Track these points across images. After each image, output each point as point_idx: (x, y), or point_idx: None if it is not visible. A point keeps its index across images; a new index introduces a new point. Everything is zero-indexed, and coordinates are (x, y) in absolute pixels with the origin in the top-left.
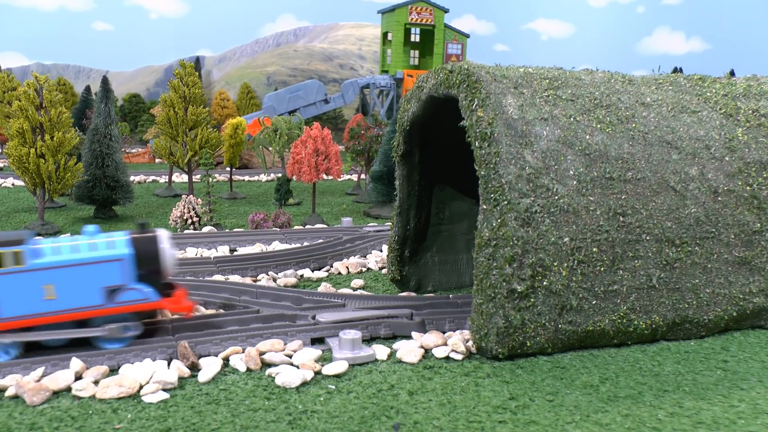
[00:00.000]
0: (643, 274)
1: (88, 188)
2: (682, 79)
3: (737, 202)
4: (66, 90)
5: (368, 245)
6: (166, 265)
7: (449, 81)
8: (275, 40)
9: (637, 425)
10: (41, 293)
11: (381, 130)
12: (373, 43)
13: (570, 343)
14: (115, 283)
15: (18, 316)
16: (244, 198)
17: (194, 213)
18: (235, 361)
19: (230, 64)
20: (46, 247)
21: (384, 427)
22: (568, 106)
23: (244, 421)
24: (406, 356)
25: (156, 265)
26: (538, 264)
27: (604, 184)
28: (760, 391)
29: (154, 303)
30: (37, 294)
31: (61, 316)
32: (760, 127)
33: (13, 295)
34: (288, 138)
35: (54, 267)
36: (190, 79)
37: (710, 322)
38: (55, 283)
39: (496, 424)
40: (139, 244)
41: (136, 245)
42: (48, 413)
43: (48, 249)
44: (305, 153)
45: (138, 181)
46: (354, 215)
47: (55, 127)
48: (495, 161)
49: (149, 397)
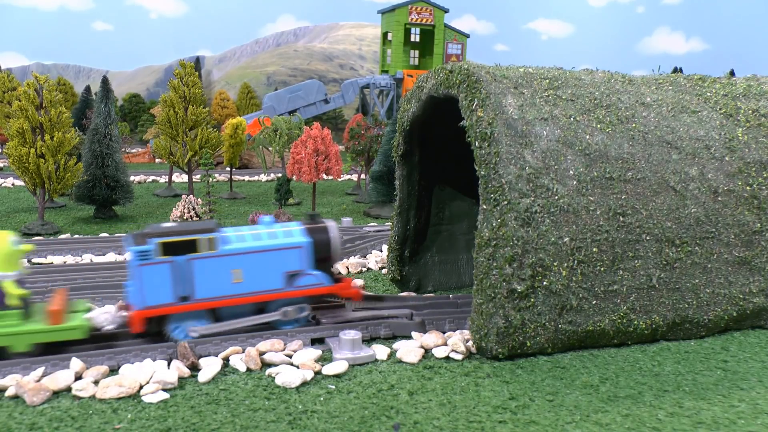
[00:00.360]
0: (643, 274)
1: (88, 188)
2: (682, 79)
3: (737, 202)
4: (66, 90)
5: (368, 245)
6: (336, 253)
7: (449, 81)
8: (275, 40)
9: (637, 425)
10: (230, 277)
11: (381, 130)
12: (373, 43)
13: (570, 343)
14: (294, 268)
15: (209, 297)
16: (244, 198)
17: (194, 213)
18: (235, 361)
19: (230, 64)
20: (231, 235)
21: (384, 427)
22: (568, 106)
23: (244, 421)
24: (406, 356)
25: (327, 252)
26: (538, 264)
27: (604, 184)
28: (760, 391)
29: (328, 288)
30: (226, 277)
31: (246, 299)
32: (760, 127)
33: (205, 278)
34: (288, 138)
35: (242, 253)
36: (190, 79)
37: (710, 322)
38: (243, 268)
39: (496, 424)
40: (313, 233)
41: (311, 234)
42: (48, 413)
43: (233, 237)
44: (305, 153)
45: (138, 181)
46: (354, 215)
47: (55, 127)
48: (495, 161)
49: (149, 397)
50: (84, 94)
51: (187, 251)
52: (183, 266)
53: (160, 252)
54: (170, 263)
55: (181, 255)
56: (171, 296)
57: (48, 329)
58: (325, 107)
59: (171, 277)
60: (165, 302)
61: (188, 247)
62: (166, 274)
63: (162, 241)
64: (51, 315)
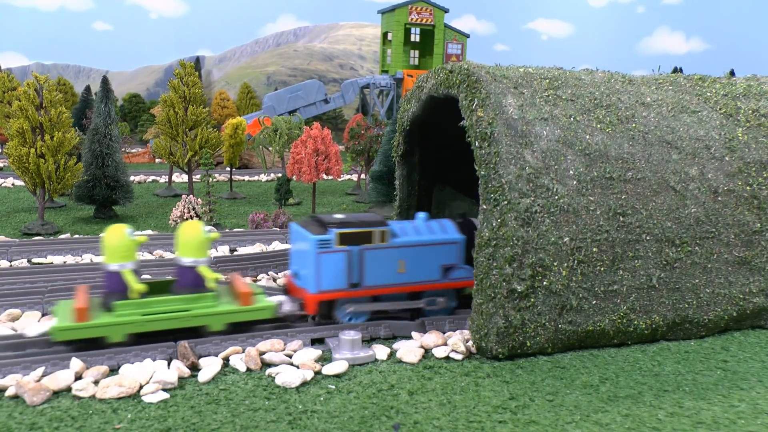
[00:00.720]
0: (643, 274)
1: (88, 188)
2: (682, 79)
3: (737, 202)
4: (66, 90)
5: None
6: None
7: (449, 81)
8: (275, 40)
9: (637, 425)
10: (395, 267)
11: (381, 130)
12: (373, 43)
13: (570, 343)
14: (450, 262)
15: (376, 285)
16: (244, 198)
17: (194, 213)
18: (235, 361)
19: (230, 64)
20: (397, 228)
21: (384, 427)
22: (568, 106)
23: (244, 421)
24: (406, 356)
25: None
26: (538, 264)
27: (604, 184)
28: (760, 391)
29: None
30: (392, 267)
31: (406, 287)
32: (760, 127)
33: (374, 267)
34: (288, 138)
35: (408, 245)
36: (190, 79)
37: (710, 322)
38: (407, 259)
39: (496, 424)
40: (465, 230)
41: (464, 231)
42: (48, 413)
43: (398, 230)
44: (305, 153)
45: (138, 181)
46: None
47: (55, 127)
48: (495, 161)
49: (149, 397)
50: (84, 94)
51: (361, 242)
52: (357, 255)
53: (338, 242)
54: (346, 252)
55: (356, 245)
56: (344, 282)
57: (241, 309)
58: (325, 107)
59: (345, 265)
60: (338, 288)
61: (363, 239)
62: (342, 262)
63: (342, 232)
64: (242, 297)
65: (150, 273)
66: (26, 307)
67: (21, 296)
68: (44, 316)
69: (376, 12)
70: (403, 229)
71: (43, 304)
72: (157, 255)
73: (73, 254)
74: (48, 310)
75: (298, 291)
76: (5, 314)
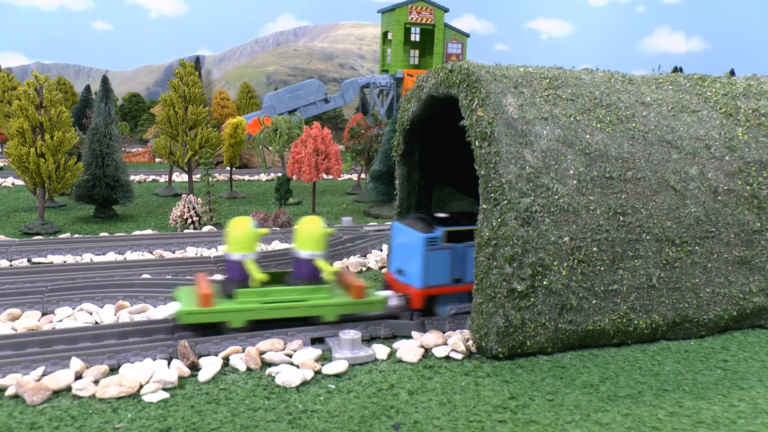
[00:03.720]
0: (643, 273)
1: (88, 188)
2: (682, 78)
3: (737, 202)
4: (66, 89)
5: (368, 245)
6: None
7: (449, 80)
8: (275, 39)
9: (637, 425)
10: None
11: (381, 130)
12: (373, 43)
13: (570, 342)
14: None
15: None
16: (244, 197)
17: (194, 212)
18: (235, 361)
19: (230, 63)
20: None
21: (384, 426)
22: (568, 106)
23: (244, 421)
24: (406, 356)
25: None
26: (538, 263)
27: (604, 183)
28: (760, 391)
29: None
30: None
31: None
32: (760, 126)
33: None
34: (288, 137)
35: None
36: (190, 78)
37: (710, 322)
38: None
39: (496, 423)
40: None
41: None
42: (48, 413)
43: None
44: (305, 152)
45: (138, 181)
46: (354, 215)
47: (55, 126)
48: (495, 161)
49: (149, 397)
50: (84, 94)
51: (465, 239)
52: (461, 252)
53: (445, 239)
54: (451, 249)
55: (460, 242)
56: (448, 278)
57: (355, 302)
58: (325, 107)
59: (450, 262)
60: (442, 283)
61: (467, 236)
62: (447, 259)
63: (448, 230)
64: (355, 290)
65: None
66: (26, 307)
67: (21, 296)
68: (44, 315)
69: (376, 11)
70: None
71: (43, 303)
72: (157, 255)
73: (73, 254)
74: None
75: (400, 287)
76: (5, 314)
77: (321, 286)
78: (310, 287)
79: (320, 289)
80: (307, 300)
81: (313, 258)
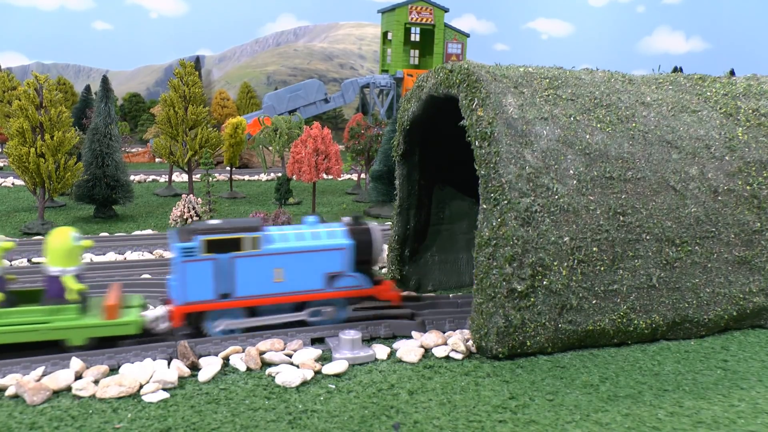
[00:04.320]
0: (643, 273)
1: (88, 188)
2: (682, 78)
3: (737, 202)
4: (66, 89)
5: None
6: (377, 256)
7: (449, 80)
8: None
9: (637, 424)
10: (271, 276)
11: (381, 130)
12: (373, 43)
13: (570, 342)
14: (335, 269)
15: (249, 295)
16: (244, 197)
17: (194, 212)
18: (235, 361)
19: (230, 63)
20: (275, 234)
21: (384, 426)
22: (568, 106)
23: (244, 421)
24: (406, 356)
25: (369, 255)
26: (538, 263)
27: (604, 183)
28: (760, 391)
29: (367, 290)
30: (267, 276)
31: (285, 298)
32: (760, 126)
33: (247, 276)
34: (288, 137)
35: (285, 252)
36: (190, 78)
37: (710, 322)
38: (285, 267)
39: (496, 423)
40: (356, 235)
41: (354, 236)
42: (48, 413)
43: (277, 236)
44: (305, 152)
45: (138, 181)
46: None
47: (55, 126)
48: (495, 160)
49: (149, 397)
50: (84, 94)
51: (230, 249)
52: (225, 264)
53: (204, 249)
54: (213, 261)
55: (225, 253)
56: (212, 293)
57: (104, 324)
58: (325, 107)
59: (213, 275)
60: (205, 299)
61: (232, 245)
62: (209, 271)
63: (206, 239)
64: (107, 310)
65: None
66: None
67: None
68: None
69: (376, 11)
70: (283, 236)
71: None
72: (157, 255)
73: None
74: None
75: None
76: None
77: (68, 306)
78: (54, 308)
79: (66, 309)
80: (50, 322)
81: (63, 274)
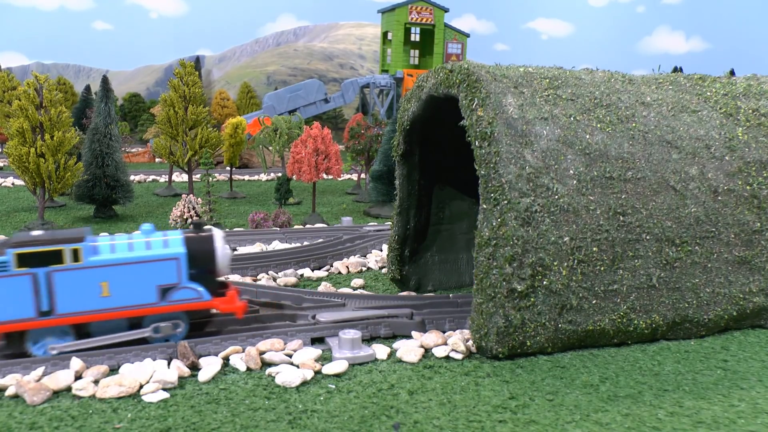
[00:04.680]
0: (643, 273)
1: (88, 188)
2: (682, 78)
3: (737, 202)
4: (66, 89)
5: (368, 245)
6: (220, 265)
7: (449, 80)
8: (275, 39)
9: (637, 425)
10: (97, 290)
11: (381, 130)
12: (373, 43)
13: (570, 342)
14: (169, 281)
15: (74, 312)
16: (244, 197)
17: (194, 212)
18: (235, 361)
19: (230, 63)
20: (103, 244)
21: (384, 426)
22: (568, 106)
23: (244, 421)
24: (406, 356)
25: (210, 264)
26: (538, 263)
27: (604, 183)
28: (760, 391)
29: (206, 302)
30: (93, 291)
31: (115, 314)
32: (760, 126)
33: (70, 292)
34: (288, 137)
35: (110, 264)
36: (190, 78)
37: (710, 322)
38: (111, 281)
39: (496, 423)
40: (193, 243)
41: (191, 245)
42: (48, 413)
43: (105, 247)
44: (305, 152)
45: (138, 181)
46: (354, 215)
47: (55, 126)
48: (495, 161)
49: (149, 397)
50: (84, 94)
51: (49, 263)
52: (44, 279)
53: (17, 263)
54: (30, 275)
55: (42, 267)
56: (31, 311)
57: None
58: (325, 107)
59: (32, 291)
60: (23, 317)
61: (50, 259)
62: (26, 287)
63: (19, 252)
64: None
65: None
66: None
67: None
68: None
69: (376, 11)
70: (111, 246)
71: None
72: None
73: None
74: None
75: None
76: None
77: None
78: None
79: None
80: None
81: None
